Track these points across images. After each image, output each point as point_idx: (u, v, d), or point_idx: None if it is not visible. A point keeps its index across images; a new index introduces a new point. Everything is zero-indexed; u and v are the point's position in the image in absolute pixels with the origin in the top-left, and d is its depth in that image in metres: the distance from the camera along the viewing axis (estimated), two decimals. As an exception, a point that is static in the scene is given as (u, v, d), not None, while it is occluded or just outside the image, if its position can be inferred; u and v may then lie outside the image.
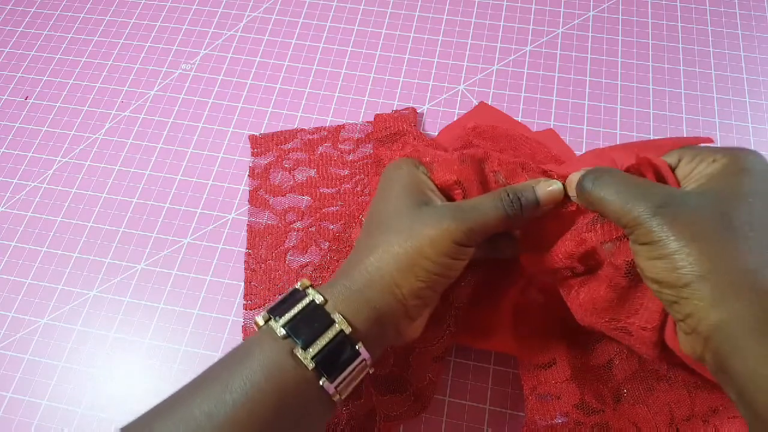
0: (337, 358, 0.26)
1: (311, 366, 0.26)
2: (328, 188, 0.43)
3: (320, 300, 0.27)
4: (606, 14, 0.52)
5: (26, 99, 0.49)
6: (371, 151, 0.44)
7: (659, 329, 0.26)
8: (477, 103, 0.47)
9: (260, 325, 0.27)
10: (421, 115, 0.47)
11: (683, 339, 0.24)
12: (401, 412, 0.34)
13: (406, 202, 0.30)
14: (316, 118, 0.47)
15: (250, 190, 0.44)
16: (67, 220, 0.44)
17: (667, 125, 0.46)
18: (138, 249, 0.42)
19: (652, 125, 0.46)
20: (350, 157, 0.44)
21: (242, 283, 0.41)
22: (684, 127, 0.46)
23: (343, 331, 0.27)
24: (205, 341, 0.39)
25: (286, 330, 0.26)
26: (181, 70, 0.50)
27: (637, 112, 0.47)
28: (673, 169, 0.27)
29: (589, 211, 0.29)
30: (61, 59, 0.51)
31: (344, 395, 0.27)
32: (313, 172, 0.44)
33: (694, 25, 0.51)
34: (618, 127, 0.46)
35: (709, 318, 0.22)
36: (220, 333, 0.39)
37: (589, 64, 0.49)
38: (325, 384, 0.26)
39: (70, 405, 0.37)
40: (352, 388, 0.28)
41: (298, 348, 0.26)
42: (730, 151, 0.25)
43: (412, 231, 0.28)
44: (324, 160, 0.44)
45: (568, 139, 0.45)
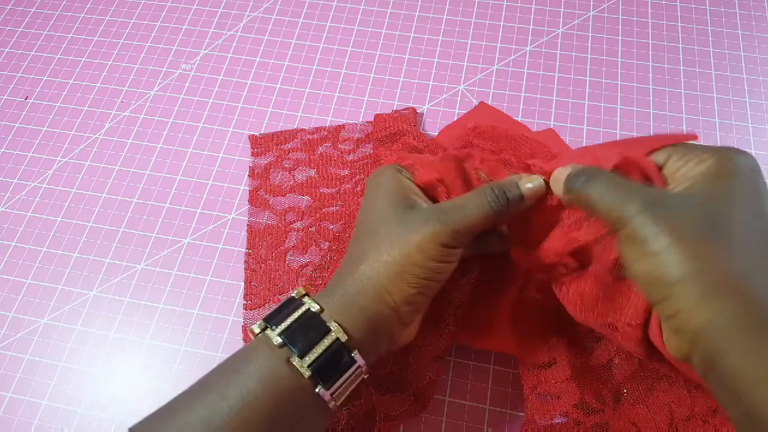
0: (334, 365, 0.27)
1: (307, 374, 0.26)
2: (328, 188, 0.43)
3: (316, 308, 0.28)
4: (606, 14, 0.52)
5: (26, 99, 0.49)
6: (371, 151, 0.44)
7: (644, 326, 0.26)
8: (477, 103, 0.47)
9: (256, 333, 0.28)
10: (421, 115, 0.47)
11: (670, 338, 0.24)
12: (401, 412, 0.34)
13: (391, 207, 0.30)
14: (316, 118, 0.47)
15: (250, 190, 0.44)
16: (67, 220, 0.44)
17: (667, 125, 0.46)
18: (138, 249, 0.42)
19: (652, 125, 0.46)
20: (350, 157, 0.44)
21: (242, 283, 0.41)
22: (684, 127, 0.46)
23: (339, 339, 0.27)
24: (205, 341, 0.39)
25: (283, 338, 0.27)
26: (181, 70, 0.50)
27: (637, 112, 0.47)
28: (661, 168, 0.27)
29: (573, 207, 0.29)
30: (61, 59, 0.51)
31: (340, 402, 0.28)
32: (313, 172, 0.44)
33: (694, 25, 0.51)
34: (618, 127, 0.46)
35: (697, 317, 0.22)
36: (220, 333, 0.39)
37: (589, 64, 0.49)
38: (321, 391, 0.26)
39: (70, 405, 0.37)
40: (348, 393, 0.28)
41: (295, 356, 0.26)
42: (718, 152, 0.25)
43: (399, 237, 0.28)
44: (324, 160, 0.44)
45: (568, 139, 0.45)
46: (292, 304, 0.28)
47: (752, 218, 0.24)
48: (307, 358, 0.26)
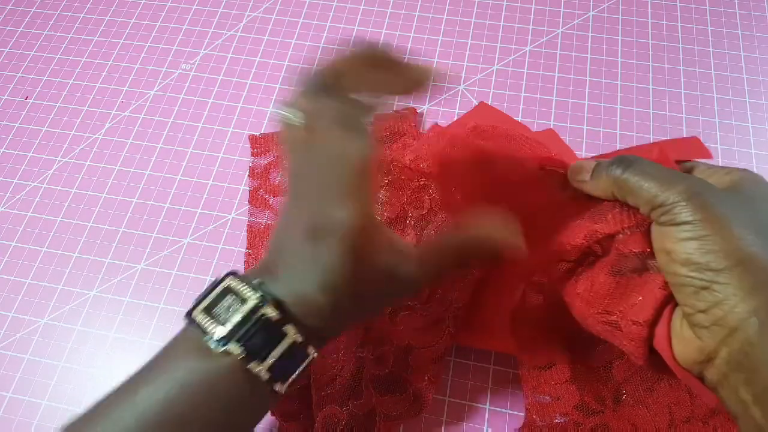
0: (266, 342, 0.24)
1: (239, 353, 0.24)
2: (328, 188, 0.43)
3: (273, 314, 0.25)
4: (606, 14, 0.52)
5: (26, 99, 0.49)
6: (371, 151, 0.44)
7: (650, 325, 0.26)
8: (477, 103, 0.47)
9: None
10: (421, 115, 0.47)
11: (687, 338, 0.24)
12: (401, 412, 0.34)
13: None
14: (316, 118, 0.47)
15: (250, 190, 0.44)
16: (67, 220, 0.44)
17: (667, 125, 0.46)
18: (138, 249, 0.42)
19: (652, 125, 0.46)
20: (350, 157, 0.44)
21: (242, 283, 0.41)
22: (684, 127, 0.46)
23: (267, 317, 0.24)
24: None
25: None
26: (181, 70, 0.50)
27: (637, 112, 0.47)
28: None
29: (587, 201, 0.29)
30: (61, 59, 0.51)
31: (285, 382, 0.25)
32: (313, 172, 0.44)
33: (694, 25, 0.51)
34: (618, 127, 0.46)
35: (743, 305, 0.21)
36: (220, 333, 0.39)
37: (589, 64, 0.49)
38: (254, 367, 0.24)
39: (70, 405, 0.37)
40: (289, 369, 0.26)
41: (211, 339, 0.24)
42: (742, 169, 0.27)
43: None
44: (324, 160, 0.44)
45: (568, 139, 0.45)
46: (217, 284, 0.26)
47: None
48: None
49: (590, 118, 0.46)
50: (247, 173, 0.44)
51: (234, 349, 0.24)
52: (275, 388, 0.25)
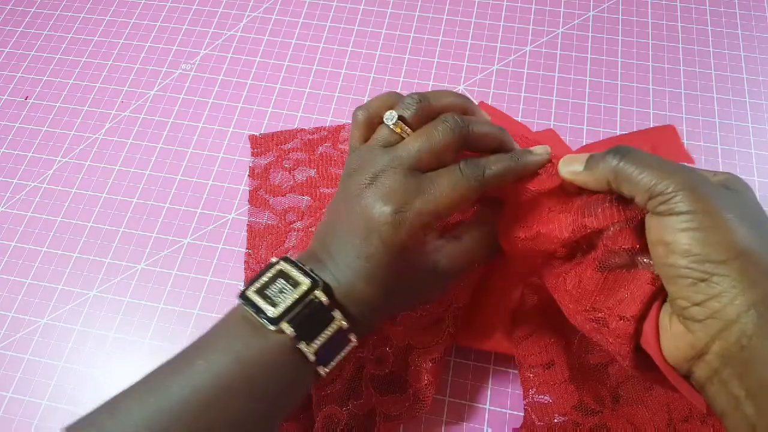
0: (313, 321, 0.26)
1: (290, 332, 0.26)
2: (328, 188, 0.43)
3: (324, 300, 0.27)
4: (606, 14, 0.52)
5: (26, 99, 0.49)
6: (371, 151, 0.44)
7: (637, 321, 0.25)
8: (477, 103, 0.47)
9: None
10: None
11: (677, 334, 0.23)
12: (401, 412, 0.34)
13: None
14: (316, 118, 0.47)
15: (250, 190, 0.44)
16: (67, 220, 0.44)
17: (667, 125, 0.46)
18: (138, 249, 0.42)
19: (652, 125, 0.46)
20: (350, 157, 0.44)
21: (242, 283, 0.41)
22: (684, 127, 0.46)
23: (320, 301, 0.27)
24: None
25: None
26: (181, 70, 0.50)
27: (637, 112, 0.47)
28: None
29: (576, 194, 0.29)
30: (61, 59, 0.51)
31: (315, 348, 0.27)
32: (313, 172, 0.44)
33: (694, 25, 0.51)
34: (618, 127, 0.46)
35: (742, 298, 0.21)
36: (220, 333, 0.39)
37: (589, 64, 0.49)
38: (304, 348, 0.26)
39: (70, 405, 0.37)
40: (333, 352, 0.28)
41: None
42: (727, 172, 0.27)
43: None
44: (324, 160, 0.44)
45: (568, 139, 0.45)
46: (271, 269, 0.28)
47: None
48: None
49: (590, 118, 0.46)
50: (247, 173, 0.44)
51: (286, 328, 0.26)
52: (318, 370, 0.27)
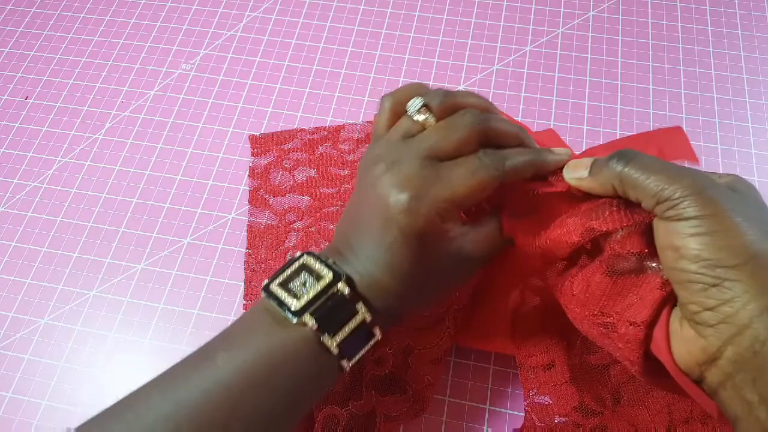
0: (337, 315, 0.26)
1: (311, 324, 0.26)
2: (328, 188, 0.43)
3: (346, 290, 0.27)
4: (606, 14, 0.52)
5: (26, 99, 0.49)
6: (371, 151, 0.44)
7: (647, 326, 0.25)
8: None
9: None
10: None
11: (689, 339, 0.23)
12: (401, 413, 0.34)
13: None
14: (316, 118, 0.47)
15: (250, 190, 0.44)
16: (67, 220, 0.44)
17: (667, 125, 0.46)
18: (138, 249, 0.42)
19: (652, 125, 0.46)
20: (350, 157, 0.44)
21: (242, 283, 0.41)
22: (684, 127, 0.46)
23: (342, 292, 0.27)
24: (205, 341, 0.39)
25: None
26: (181, 70, 0.50)
27: (637, 112, 0.47)
28: None
29: (582, 199, 0.28)
30: (61, 59, 0.51)
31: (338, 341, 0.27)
32: (313, 172, 0.44)
33: (694, 25, 0.51)
34: (618, 127, 0.46)
35: (755, 303, 0.21)
36: (220, 333, 0.39)
37: (589, 64, 0.49)
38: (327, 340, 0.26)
39: (70, 405, 0.37)
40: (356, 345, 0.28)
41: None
42: (733, 174, 0.26)
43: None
44: (324, 160, 0.44)
45: (568, 139, 0.45)
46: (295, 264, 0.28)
47: None
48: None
49: (590, 118, 0.46)
50: (247, 173, 0.44)
51: (308, 320, 0.26)
52: (342, 363, 0.27)
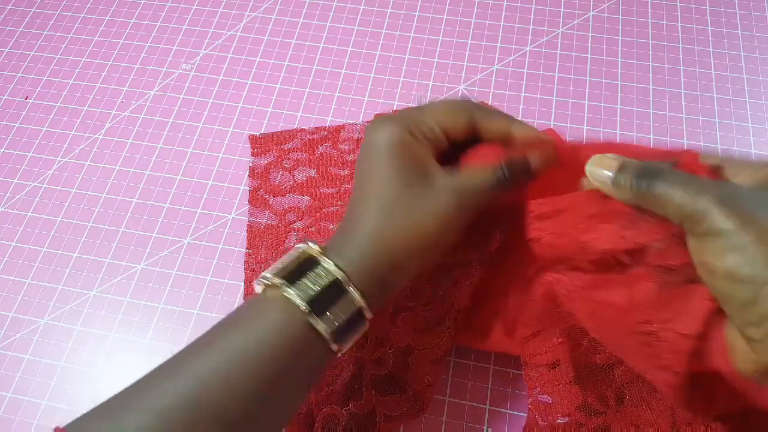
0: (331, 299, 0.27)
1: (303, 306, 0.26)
2: (328, 188, 0.43)
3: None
4: (606, 14, 0.52)
5: (26, 99, 0.49)
6: (371, 151, 0.44)
7: (697, 339, 0.24)
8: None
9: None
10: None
11: (742, 350, 0.22)
12: (401, 413, 0.34)
13: (398, 180, 0.28)
14: (316, 118, 0.47)
15: (250, 190, 0.44)
16: (67, 220, 0.44)
17: (667, 125, 0.46)
18: (138, 249, 0.42)
19: (652, 125, 0.46)
20: (350, 157, 0.44)
21: (242, 283, 0.41)
22: (684, 127, 0.46)
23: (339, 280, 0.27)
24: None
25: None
26: (181, 70, 0.50)
27: (637, 112, 0.47)
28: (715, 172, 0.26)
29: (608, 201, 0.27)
30: (61, 59, 0.51)
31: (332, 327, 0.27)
32: (313, 172, 0.44)
33: (694, 25, 0.51)
34: (618, 127, 0.46)
35: None
36: (220, 333, 0.39)
37: (589, 64, 0.49)
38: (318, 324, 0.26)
39: (70, 405, 0.37)
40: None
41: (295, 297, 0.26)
42: None
43: (411, 220, 0.28)
44: (324, 160, 0.44)
45: (568, 140, 0.45)
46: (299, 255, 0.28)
47: None
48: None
49: (590, 118, 0.46)
50: (247, 173, 0.44)
51: (292, 295, 0.26)
52: (332, 347, 0.27)
